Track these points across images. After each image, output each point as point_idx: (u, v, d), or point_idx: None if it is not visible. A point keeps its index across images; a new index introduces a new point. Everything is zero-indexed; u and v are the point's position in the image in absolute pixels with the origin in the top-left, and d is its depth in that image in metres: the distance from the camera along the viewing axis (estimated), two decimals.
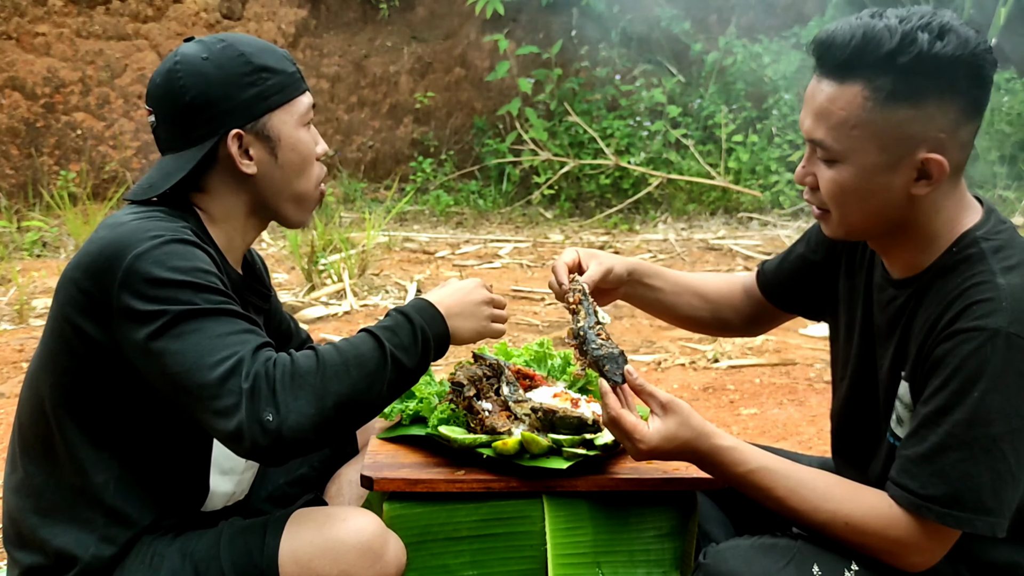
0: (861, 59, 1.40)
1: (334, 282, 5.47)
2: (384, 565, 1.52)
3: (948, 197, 1.48)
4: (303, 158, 1.66)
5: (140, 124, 7.66)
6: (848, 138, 1.43)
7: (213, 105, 1.59)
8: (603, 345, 1.63)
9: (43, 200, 7.03)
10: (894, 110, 1.40)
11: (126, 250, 1.45)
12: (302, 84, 1.68)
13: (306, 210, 1.71)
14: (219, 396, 1.37)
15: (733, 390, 4.02)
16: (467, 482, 1.64)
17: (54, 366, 1.56)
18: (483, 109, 8.55)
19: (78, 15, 7.66)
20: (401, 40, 8.61)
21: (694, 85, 8.41)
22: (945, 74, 1.38)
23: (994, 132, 7.27)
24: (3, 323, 4.87)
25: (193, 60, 1.60)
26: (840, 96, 1.42)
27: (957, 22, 1.39)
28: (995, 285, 1.41)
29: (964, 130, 1.43)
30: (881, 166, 1.43)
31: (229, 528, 1.57)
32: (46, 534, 1.55)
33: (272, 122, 1.62)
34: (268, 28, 8.20)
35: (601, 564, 1.66)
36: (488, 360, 1.86)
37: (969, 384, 1.38)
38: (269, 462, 1.43)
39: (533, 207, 7.86)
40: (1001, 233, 1.49)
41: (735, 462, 1.52)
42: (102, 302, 1.46)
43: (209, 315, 1.43)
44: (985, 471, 1.38)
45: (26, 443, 1.60)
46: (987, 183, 7.25)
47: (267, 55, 1.64)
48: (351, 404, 1.44)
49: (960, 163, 1.46)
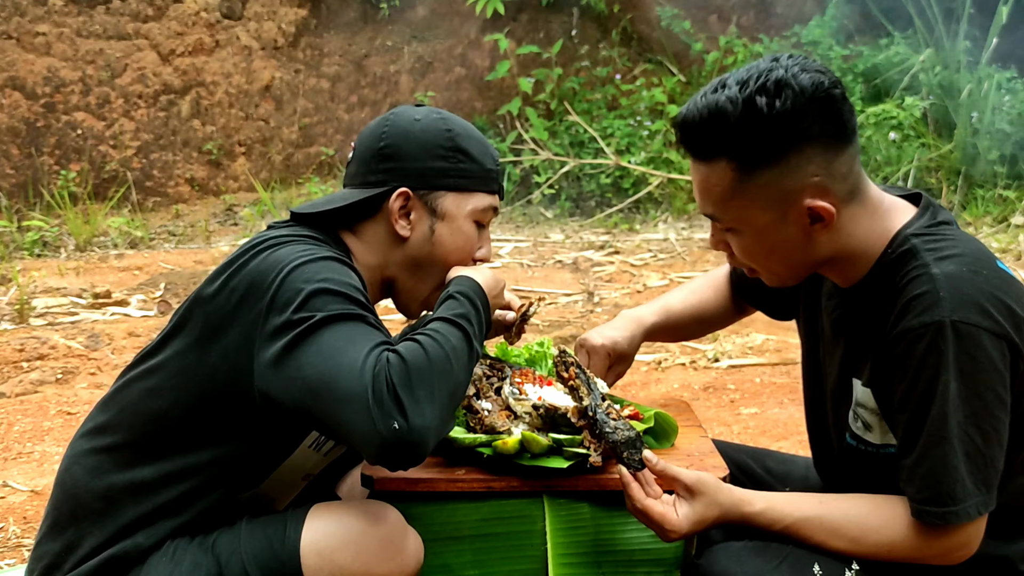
0: (714, 138, 1.45)
1: None
2: (404, 558, 1.52)
3: (857, 219, 1.51)
4: (458, 248, 1.67)
5: (140, 124, 7.67)
6: (733, 208, 1.49)
7: (399, 159, 1.64)
8: (617, 428, 1.57)
9: (43, 200, 7.04)
10: (761, 173, 1.45)
11: (281, 265, 1.47)
12: (493, 187, 1.70)
13: (427, 301, 1.71)
14: (348, 406, 1.36)
15: (733, 389, 4.02)
16: (467, 482, 1.64)
17: (185, 376, 1.54)
18: (483, 109, 8.55)
19: (78, 15, 7.66)
20: (401, 40, 8.61)
21: (694, 85, 8.41)
22: (793, 127, 1.42)
23: (994, 132, 7.26)
24: (3, 323, 4.87)
25: (406, 117, 1.68)
26: (711, 174, 1.48)
27: (794, 70, 1.41)
28: (930, 276, 1.43)
29: (838, 162, 1.47)
30: (772, 224, 1.48)
31: (250, 522, 1.57)
32: (103, 517, 1.55)
33: (445, 200, 1.65)
34: (268, 28, 8.20)
35: (601, 564, 1.66)
36: (488, 358, 1.86)
37: (932, 382, 1.41)
38: (398, 464, 1.41)
39: (533, 206, 7.86)
40: (934, 227, 1.51)
41: (769, 523, 1.53)
42: (252, 318, 1.46)
43: (348, 320, 1.43)
44: (962, 458, 1.41)
45: (121, 435, 1.58)
46: (987, 183, 7.25)
47: (474, 143, 1.67)
48: (457, 396, 1.46)
49: (850, 190, 1.49)
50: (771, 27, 8.65)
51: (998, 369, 1.41)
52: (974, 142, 7.33)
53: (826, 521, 1.51)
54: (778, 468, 1.91)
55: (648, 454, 1.55)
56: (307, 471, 1.72)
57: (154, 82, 7.80)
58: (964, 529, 1.44)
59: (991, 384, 1.41)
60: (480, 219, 1.69)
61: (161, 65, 7.86)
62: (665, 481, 1.54)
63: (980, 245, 1.52)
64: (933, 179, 7.42)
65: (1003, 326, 1.41)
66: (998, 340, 1.41)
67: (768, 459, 1.95)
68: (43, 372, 4.13)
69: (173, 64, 7.90)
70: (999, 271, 1.48)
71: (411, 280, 1.69)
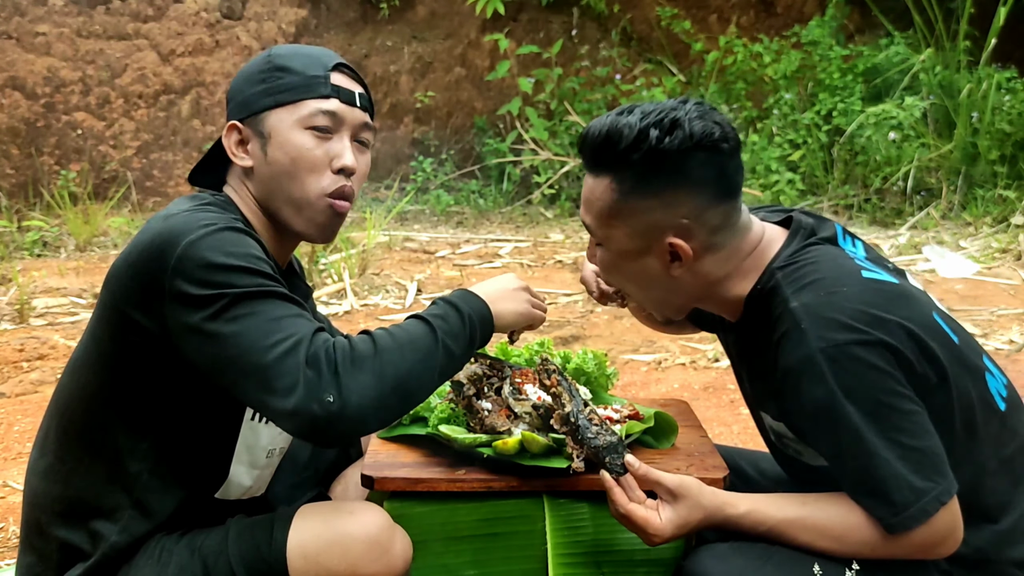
0: (605, 155, 1.53)
1: (334, 281, 5.48)
2: (391, 558, 1.52)
3: (723, 261, 1.58)
4: (292, 159, 1.60)
5: (140, 124, 7.67)
6: (606, 225, 1.57)
7: (231, 98, 1.66)
8: (599, 433, 1.59)
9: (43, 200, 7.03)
10: (637, 201, 1.53)
11: (179, 238, 1.45)
12: (323, 91, 1.61)
13: (310, 219, 1.62)
14: (278, 376, 1.37)
15: (733, 389, 4.02)
16: (468, 481, 1.64)
17: (101, 356, 1.56)
18: (483, 109, 8.55)
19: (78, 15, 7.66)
20: (401, 40, 8.61)
21: (694, 85, 8.41)
22: (674, 166, 1.50)
23: (994, 132, 7.26)
24: (3, 323, 4.87)
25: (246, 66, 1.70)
26: (596, 187, 1.56)
27: (692, 115, 1.49)
28: (791, 312, 1.48)
29: (711, 213, 1.53)
30: (635, 251, 1.57)
31: (237, 524, 1.57)
32: (68, 521, 1.55)
33: (268, 118, 1.61)
34: (268, 28, 8.20)
35: (601, 564, 1.66)
36: (488, 359, 1.86)
37: (829, 411, 1.44)
38: (326, 442, 1.43)
39: (533, 207, 7.86)
40: (798, 254, 1.56)
41: (753, 525, 1.53)
42: (154, 290, 1.45)
43: (264, 297, 1.43)
44: (897, 463, 1.42)
45: (61, 431, 1.60)
46: (987, 183, 7.25)
47: (297, 58, 1.63)
48: (406, 386, 1.44)
49: (716, 243, 1.55)
50: (771, 27, 8.65)
51: (884, 371, 1.43)
52: (974, 142, 7.33)
53: (809, 522, 1.51)
54: (772, 470, 1.91)
55: (630, 458, 1.56)
56: (267, 447, 1.71)
57: (154, 82, 7.80)
58: (934, 521, 1.44)
59: (883, 386, 1.43)
60: (314, 124, 1.60)
61: (161, 65, 7.86)
62: (647, 485, 1.55)
63: (842, 261, 1.55)
64: (933, 179, 7.42)
65: (871, 334, 1.43)
66: (870, 347, 1.42)
67: (762, 461, 1.95)
68: (43, 372, 4.13)
69: (173, 64, 7.90)
70: (864, 282, 1.50)
71: (274, 202, 1.63)
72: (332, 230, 1.66)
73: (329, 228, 1.65)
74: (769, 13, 8.81)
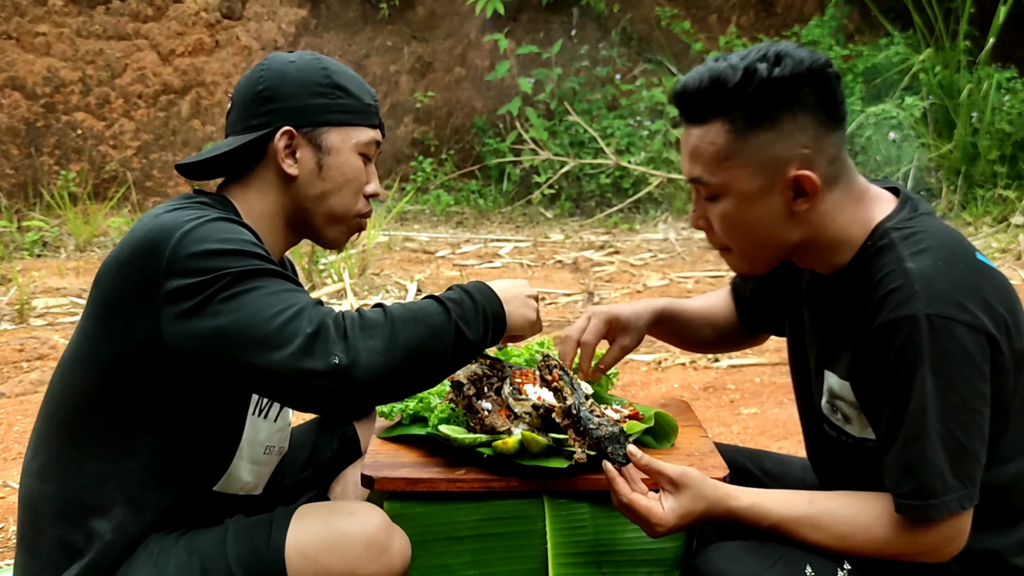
0: (713, 99, 1.50)
1: (334, 281, 5.48)
2: (390, 558, 1.52)
3: (840, 205, 1.54)
4: (347, 180, 1.67)
5: (140, 124, 7.67)
6: (722, 170, 1.52)
7: (279, 100, 1.63)
8: (601, 424, 1.60)
9: (43, 200, 7.03)
10: (755, 136, 1.49)
11: (172, 232, 1.46)
12: (374, 121, 1.70)
13: (339, 232, 1.71)
14: (282, 338, 1.36)
15: (733, 389, 4.02)
16: (467, 481, 1.64)
17: (93, 354, 1.55)
18: (483, 109, 8.55)
19: (78, 15, 7.65)
20: (401, 40, 8.61)
21: None
22: (789, 93, 1.48)
23: (994, 132, 7.26)
24: (3, 323, 4.87)
25: (280, 60, 1.68)
26: (706, 135, 1.52)
27: (793, 48, 1.49)
28: (905, 271, 1.45)
29: (827, 142, 1.51)
30: (758, 191, 1.51)
31: (235, 524, 1.57)
32: (64, 520, 1.55)
33: (329, 135, 1.65)
34: (268, 28, 8.20)
35: (601, 564, 1.66)
36: (488, 359, 1.86)
37: (911, 376, 1.42)
38: (331, 406, 1.41)
39: (533, 207, 7.86)
40: (913, 220, 1.53)
41: (756, 519, 1.53)
42: (148, 286, 1.45)
43: (262, 275, 1.43)
44: (942, 452, 1.42)
45: (54, 430, 1.60)
46: (987, 183, 7.25)
47: (350, 80, 1.68)
48: (418, 357, 1.44)
49: (835, 174, 1.53)
50: (771, 27, 8.65)
51: (976, 363, 1.42)
52: (974, 142, 7.33)
53: (814, 519, 1.51)
54: (775, 469, 1.91)
55: (632, 449, 1.56)
56: (265, 444, 1.72)
57: (154, 82, 7.80)
58: (948, 523, 1.44)
59: (969, 378, 1.42)
60: (365, 152, 1.68)
61: (161, 65, 7.86)
62: (650, 475, 1.55)
63: (958, 237, 1.53)
64: (933, 179, 7.43)
65: (979, 318, 1.42)
66: (974, 332, 1.41)
67: (765, 460, 1.95)
68: (43, 372, 4.13)
69: (173, 64, 7.90)
70: (977, 264, 1.49)
71: (312, 213, 1.68)
72: (347, 243, 1.76)
73: (347, 242, 1.75)
74: (769, 13, 8.81)
